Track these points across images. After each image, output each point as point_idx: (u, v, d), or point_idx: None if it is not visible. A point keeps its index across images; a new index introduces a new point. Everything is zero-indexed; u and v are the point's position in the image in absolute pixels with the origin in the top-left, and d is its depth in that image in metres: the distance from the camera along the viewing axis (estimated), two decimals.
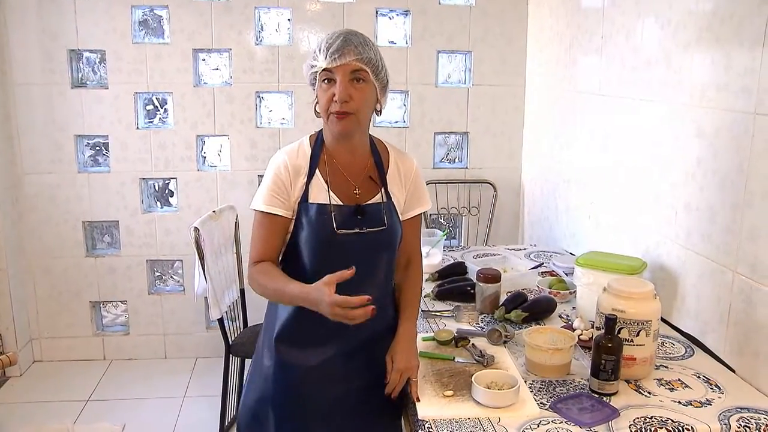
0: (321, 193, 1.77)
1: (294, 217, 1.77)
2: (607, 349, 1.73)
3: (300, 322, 1.79)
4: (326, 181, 1.78)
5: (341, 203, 1.78)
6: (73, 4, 3.48)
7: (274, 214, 1.76)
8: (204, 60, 3.72)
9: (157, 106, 3.79)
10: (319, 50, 1.71)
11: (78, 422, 3.24)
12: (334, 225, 1.74)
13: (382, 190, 1.85)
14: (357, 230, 1.77)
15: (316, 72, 1.72)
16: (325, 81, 1.72)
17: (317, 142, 1.82)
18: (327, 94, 1.71)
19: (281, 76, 3.69)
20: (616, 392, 1.76)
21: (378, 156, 1.88)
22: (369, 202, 1.81)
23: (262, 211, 1.77)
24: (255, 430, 1.88)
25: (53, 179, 3.66)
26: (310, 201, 1.76)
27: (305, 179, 1.77)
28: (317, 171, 1.79)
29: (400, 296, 1.94)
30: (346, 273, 1.56)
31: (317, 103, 1.78)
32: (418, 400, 1.71)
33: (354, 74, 1.70)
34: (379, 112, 1.84)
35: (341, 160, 1.82)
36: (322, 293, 1.55)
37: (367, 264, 1.77)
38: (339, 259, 1.65)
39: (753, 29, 1.82)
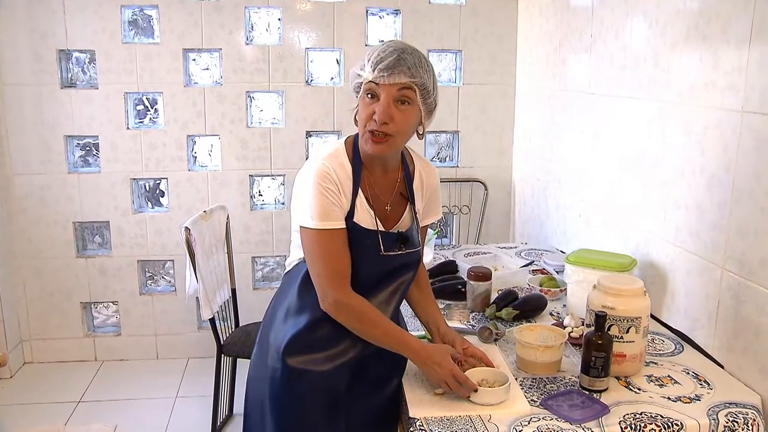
0: (365, 215, 1.72)
1: None
2: (597, 346, 1.74)
3: (312, 335, 1.76)
4: (368, 201, 1.73)
5: (384, 229, 1.75)
6: (62, 4, 3.47)
7: (338, 229, 1.67)
8: (194, 60, 3.71)
9: (147, 107, 3.78)
10: (368, 60, 1.62)
11: (69, 423, 3.23)
12: (382, 248, 1.73)
13: (411, 208, 1.83)
14: (399, 252, 1.77)
15: (361, 83, 1.64)
16: (369, 95, 1.63)
17: (355, 151, 1.73)
18: (368, 109, 1.62)
19: (272, 76, 3.69)
20: (606, 389, 1.77)
21: (407, 170, 1.83)
22: (407, 227, 1.80)
23: (326, 229, 1.66)
24: (258, 426, 1.87)
25: (43, 180, 3.65)
26: (356, 220, 1.70)
27: (351, 193, 1.70)
28: (360, 189, 1.72)
29: (418, 301, 1.97)
30: (472, 386, 1.67)
31: (357, 113, 1.70)
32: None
33: (400, 94, 1.61)
34: (420, 136, 1.74)
35: (375, 175, 1.76)
36: (446, 360, 1.68)
37: (397, 278, 1.81)
38: (378, 273, 1.75)
39: (739, 28, 1.84)
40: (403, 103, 1.63)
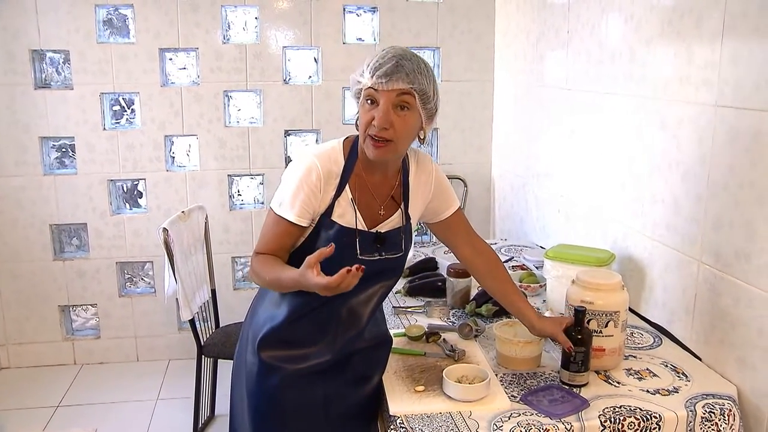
0: (347, 213, 1.70)
1: (312, 226, 1.71)
2: (576, 340, 1.75)
3: (290, 330, 1.76)
4: (354, 201, 1.71)
5: (364, 229, 1.72)
6: (34, 3, 3.42)
7: (298, 224, 1.68)
8: (171, 59, 3.68)
9: (123, 107, 3.74)
10: (367, 66, 1.62)
11: (48, 429, 3.20)
12: (358, 251, 1.71)
13: (402, 211, 1.79)
14: (377, 256, 1.74)
15: (361, 89, 1.64)
16: (369, 101, 1.62)
17: (351, 152, 1.73)
18: (368, 115, 1.62)
19: (249, 75, 3.67)
20: (587, 383, 1.78)
21: (406, 173, 1.80)
22: (388, 228, 1.76)
23: (281, 216, 1.68)
24: (241, 425, 1.88)
25: (18, 182, 3.60)
26: (334, 218, 1.69)
27: (334, 192, 1.69)
28: (347, 187, 1.70)
29: (503, 297, 1.91)
30: (326, 251, 1.50)
31: (358, 118, 1.69)
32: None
33: (399, 100, 1.60)
34: (422, 140, 1.72)
35: (372, 178, 1.74)
36: (308, 280, 1.50)
37: (375, 283, 1.78)
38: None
39: (712, 23, 1.85)
40: (403, 109, 1.61)
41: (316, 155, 1.69)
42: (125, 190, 3.83)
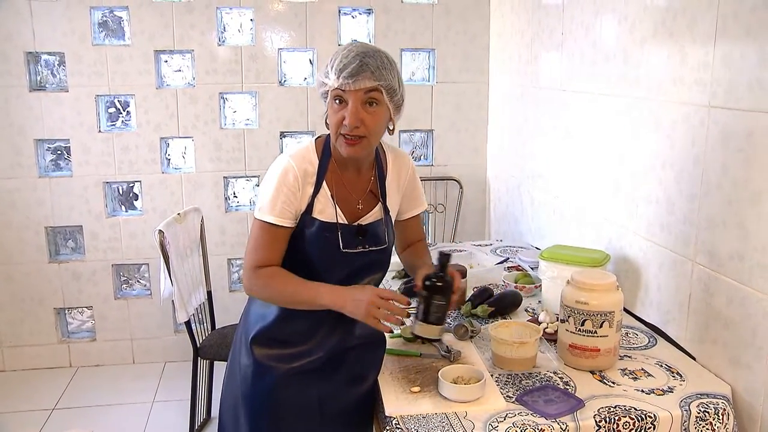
0: (327, 209, 1.73)
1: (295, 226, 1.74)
2: (436, 287, 1.71)
3: (282, 328, 1.78)
4: (332, 197, 1.74)
5: (345, 222, 1.75)
6: (28, 5, 3.42)
7: (283, 226, 1.71)
8: (166, 61, 3.68)
9: (119, 109, 3.74)
10: (332, 67, 1.64)
11: None
12: (341, 244, 1.73)
13: (381, 204, 1.83)
14: (361, 249, 1.77)
15: (327, 90, 1.67)
16: (337, 101, 1.66)
17: (324, 150, 1.76)
18: (337, 115, 1.66)
19: (245, 77, 3.67)
20: (439, 340, 1.83)
21: (381, 167, 1.84)
22: (370, 221, 1.80)
23: (265, 221, 1.70)
24: (232, 425, 1.88)
25: (13, 184, 3.59)
26: (314, 215, 1.72)
27: (312, 190, 1.72)
28: (324, 184, 1.74)
29: (412, 260, 1.98)
30: (403, 299, 1.67)
31: (327, 116, 1.72)
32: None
33: (367, 97, 1.64)
34: (391, 131, 1.78)
35: (347, 174, 1.78)
36: (363, 288, 1.64)
37: (363, 277, 1.80)
38: (341, 269, 1.74)
39: (705, 24, 1.86)
40: (372, 105, 1.66)
41: (291, 156, 1.73)
42: (121, 192, 3.83)
